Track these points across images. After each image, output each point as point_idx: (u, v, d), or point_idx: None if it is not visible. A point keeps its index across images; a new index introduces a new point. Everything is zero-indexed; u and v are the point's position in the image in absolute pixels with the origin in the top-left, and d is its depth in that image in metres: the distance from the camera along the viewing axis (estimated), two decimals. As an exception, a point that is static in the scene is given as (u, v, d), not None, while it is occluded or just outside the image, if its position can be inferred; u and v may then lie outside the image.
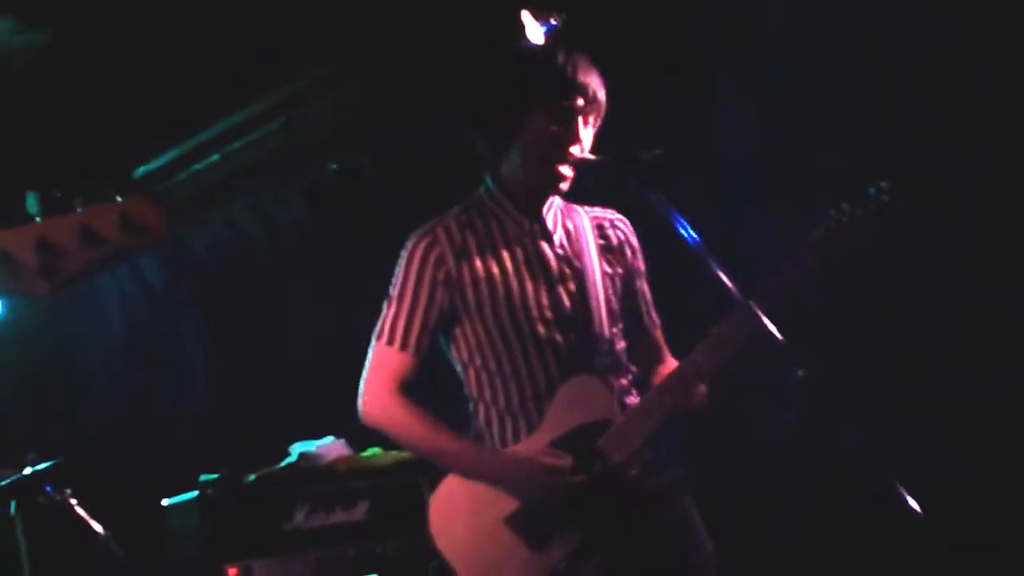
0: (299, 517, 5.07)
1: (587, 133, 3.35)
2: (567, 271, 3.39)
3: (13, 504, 5.41)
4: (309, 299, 6.92)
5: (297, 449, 5.33)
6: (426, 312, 3.34)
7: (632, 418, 3.24)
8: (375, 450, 5.33)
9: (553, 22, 4.25)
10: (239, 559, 4.90)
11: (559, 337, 3.32)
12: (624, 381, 3.40)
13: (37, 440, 5.78)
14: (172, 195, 7.39)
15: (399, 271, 3.40)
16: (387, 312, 3.38)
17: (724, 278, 3.03)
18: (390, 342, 3.34)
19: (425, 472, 4.81)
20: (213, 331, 7.65)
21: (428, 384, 3.40)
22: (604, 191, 3.43)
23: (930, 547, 3.76)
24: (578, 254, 3.42)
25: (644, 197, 3.12)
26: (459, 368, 3.45)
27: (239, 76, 6.24)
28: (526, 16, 4.24)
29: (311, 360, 6.70)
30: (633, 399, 3.36)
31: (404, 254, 3.40)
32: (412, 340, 3.34)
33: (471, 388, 3.43)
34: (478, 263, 3.37)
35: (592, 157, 3.32)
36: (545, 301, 3.34)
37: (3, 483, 5.26)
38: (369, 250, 6.15)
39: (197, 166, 7.15)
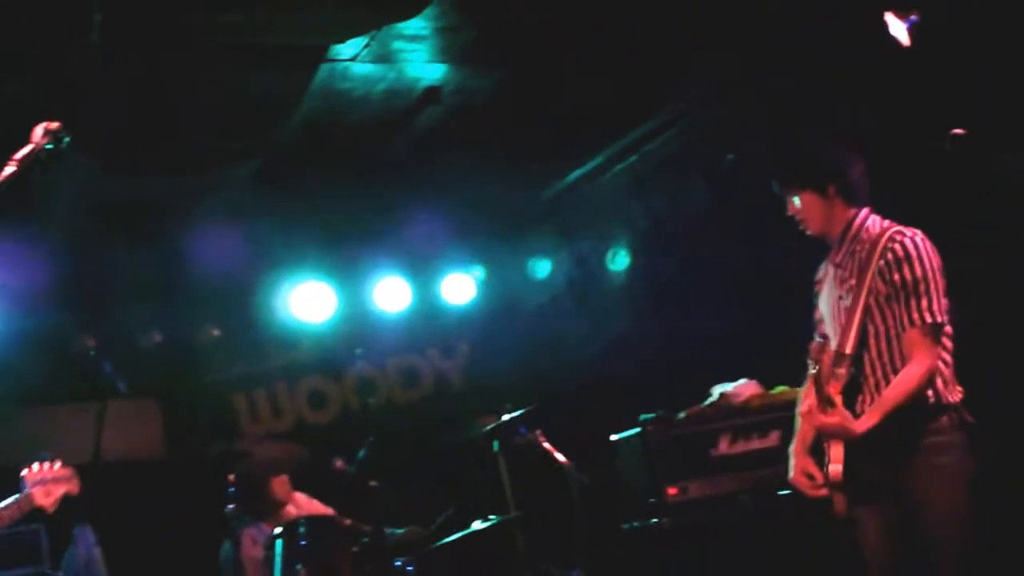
0: (723, 445, 5.29)
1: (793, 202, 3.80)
2: (844, 294, 3.72)
3: (496, 443, 5.65)
4: (716, 272, 6.80)
5: (718, 389, 5.54)
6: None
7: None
8: (782, 387, 5.41)
9: (913, 18, 4.21)
10: (677, 481, 5.20)
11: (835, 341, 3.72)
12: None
13: (512, 393, 6.18)
14: (601, 190, 7.68)
15: None
16: None
17: None
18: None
19: None
20: (645, 297, 7.68)
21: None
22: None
23: None
24: (856, 280, 3.68)
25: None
26: None
27: (651, 88, 6.33)
28: (889, 17, 4.23)
29: (724, 317, 6.56)
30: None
31: None
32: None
33: None
34: (819, 298, 3.93)
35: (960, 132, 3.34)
36: (831, 316, 3.80)
37: (488, 428, 5.64)
38: (762, 229, 6.17)
39: (620, 166, 7.36)
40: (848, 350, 3.61)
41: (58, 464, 4.25)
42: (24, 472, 4.14)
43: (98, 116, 5.34)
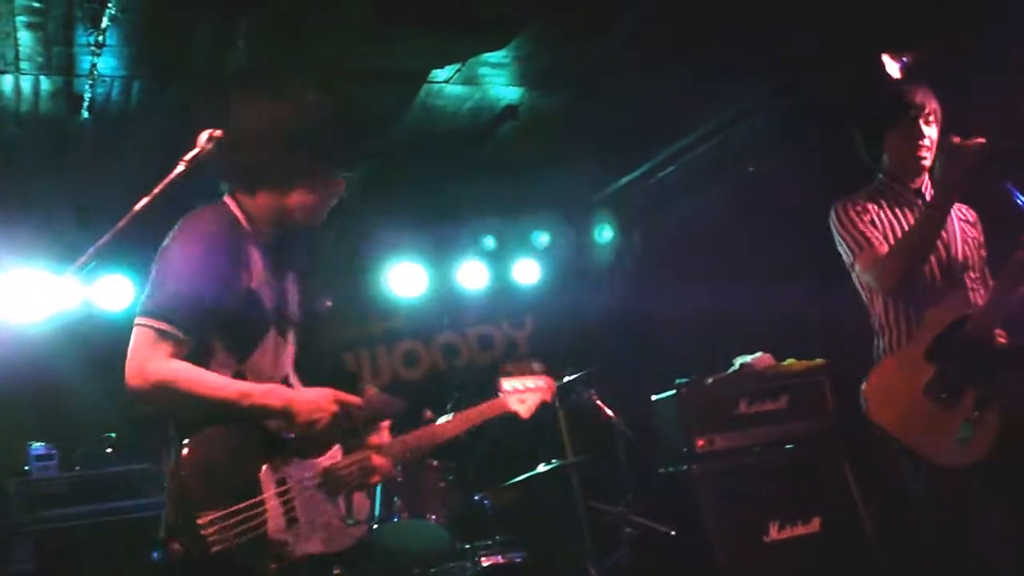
0: (743, 406, 5.32)
1: (931, 130, 3.58)
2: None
3: (557, 400, 5.36)
4: (736, 264, 6.88)
5: (739, 360, 5.60)
6: (871, 230, 3.60)
7: (985, 307, 3.40)
8: (790, 360, 5.48)
9: (905, 59, 4.17)
10: (705, 434, 5.23)
11: (937, 273, 3.53)
12: (978, 295, 3.53)
13: (571, 360, 6.02)
14: (642, 196, 7.79)
15: (840, 225, 3.63)
16: (850, 242, 3.59)
17: None
18: (868, 246, 3.56)
19: (827, 374, 5.20)
20: (672, 289, 7.68)
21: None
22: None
23: None
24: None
25: (989, 174, 3.28)
26: (866, 295, 3.67)
27: (686, 111, 6.44)
28: (885, 58, 4.20)
29: (745, 302, 6.47)
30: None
31: (838, 216, 3.65)
32: (878, 240, 3.56)
33: (874, 305, 3.64)
34: (883, 225, 3.61)
35: (981, 142, 3.36)
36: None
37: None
38: (777, 228, 6.25)
39: (660, 174, 7.48)
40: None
41: (538, 374, 3.92)
42: (501, 380, 3.84)
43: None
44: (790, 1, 4.95)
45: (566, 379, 5.64)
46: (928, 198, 3.64)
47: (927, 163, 3.60)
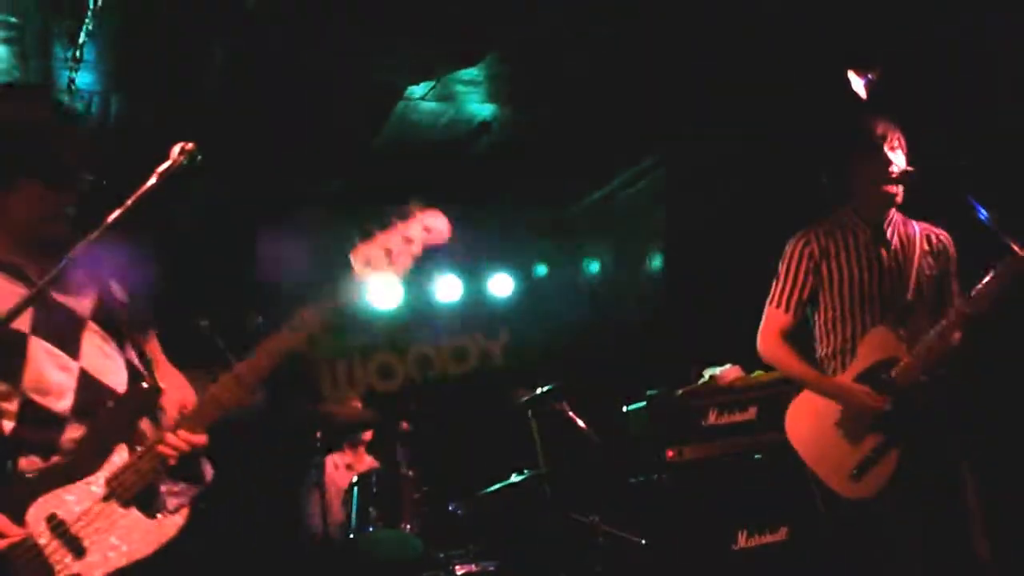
0: (711, 417, 5.26)
1: (898, 156, 3.55)
2: (895, 267, 3.59)
3: (530, 411, 5.75)
4: (709, 275, 6.79)
5: (708, 372, 5.53)
6: (801, 288, 3.67)
7: (915, 356, 3.43)
8: (759, 372, 5.44)
9: (870, 76, 4.17)
10: (674, 445, 5.16)
11: (879, 309, 3.56)
12: (914, 338, 3.49)
13: (547, 372, 6.12)
14: (615, 208, 7.89)
15: (784, 260, 3.72)
16: (776, 287, 3.73)
17: (1015, 247, 3.23)
18: (778, 306, 3.72)
19: (793, 385, 5.23)
20: (645, 300, 7.80)
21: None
22: (924, 193, 3.46)
23: None
24: (907, 256, 3.60)
25: (953, 194, 3.33)
26: (815, 324, 3.74)
27: (658, 128, 6.52)
28: (850, 74, 4.19)
29: (715, 313, 6.44)
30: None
31: (788, 250, 3.73)
32: (792, 305, 3.69)
33: (820, 338, 3.72)
34: (835, 260, 3.64)
35: (911, 168, 3.47)
36: (875, 288, 3.58)
37: (524, 400, 5.72)
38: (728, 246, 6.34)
39: (630, 190, 7.61)
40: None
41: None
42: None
43: (220, 135, 5.39)
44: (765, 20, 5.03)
45: (539, 391, 5.65)
46: (887, 236, 3.64)
47: (897, 199, 3.58)
